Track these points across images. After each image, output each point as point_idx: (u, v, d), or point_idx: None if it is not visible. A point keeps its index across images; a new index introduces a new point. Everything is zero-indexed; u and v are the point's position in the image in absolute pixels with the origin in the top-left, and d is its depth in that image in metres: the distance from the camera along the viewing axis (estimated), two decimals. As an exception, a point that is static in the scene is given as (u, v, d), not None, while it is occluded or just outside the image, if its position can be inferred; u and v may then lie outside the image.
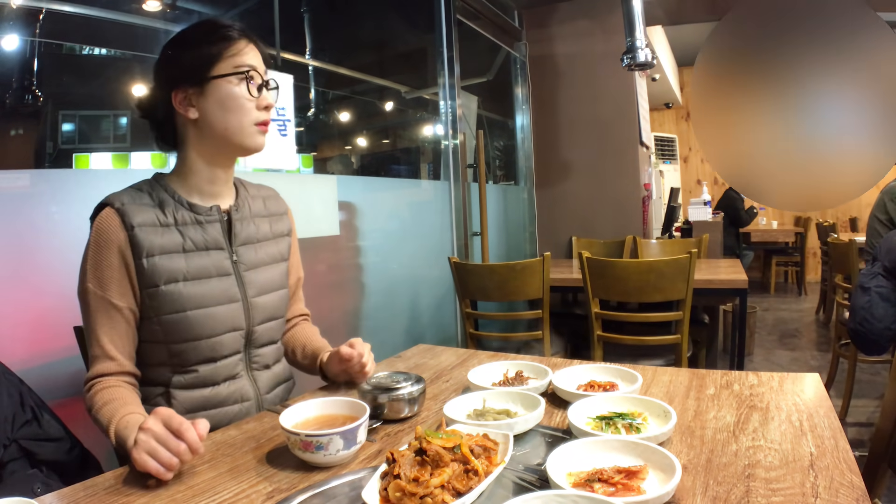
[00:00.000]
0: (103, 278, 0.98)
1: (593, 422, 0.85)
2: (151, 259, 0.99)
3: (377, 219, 2.63)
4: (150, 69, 1.10)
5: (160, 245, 1.00)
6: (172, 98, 1.03)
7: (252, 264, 1.11)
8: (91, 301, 0.99)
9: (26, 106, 2.10)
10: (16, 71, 2.05)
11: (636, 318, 2.18)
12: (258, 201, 1.18)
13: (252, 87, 1.03)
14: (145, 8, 2.41)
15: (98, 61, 2.58)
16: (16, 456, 0.95)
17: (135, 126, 2.74)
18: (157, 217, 1.02)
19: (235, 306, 1.06)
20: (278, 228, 1.19)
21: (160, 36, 2.46)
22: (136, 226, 0.98)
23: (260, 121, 1.05)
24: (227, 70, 1.01)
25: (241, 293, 1.07)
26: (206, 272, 1.04)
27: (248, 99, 1.03)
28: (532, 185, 4.11)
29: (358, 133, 4.54)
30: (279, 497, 0.70)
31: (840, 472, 0.68)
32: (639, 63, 2.96)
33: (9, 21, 1.91)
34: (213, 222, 1.07)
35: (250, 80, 1.03)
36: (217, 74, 1.01)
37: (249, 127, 1.04)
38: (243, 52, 1.04)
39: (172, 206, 1.04)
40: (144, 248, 0.99)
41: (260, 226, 1.15)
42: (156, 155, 2.76)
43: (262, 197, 1.20)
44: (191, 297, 1.01)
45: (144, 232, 0.99)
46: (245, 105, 1.03)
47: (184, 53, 1.03)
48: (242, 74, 1.02)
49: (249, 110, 1.03)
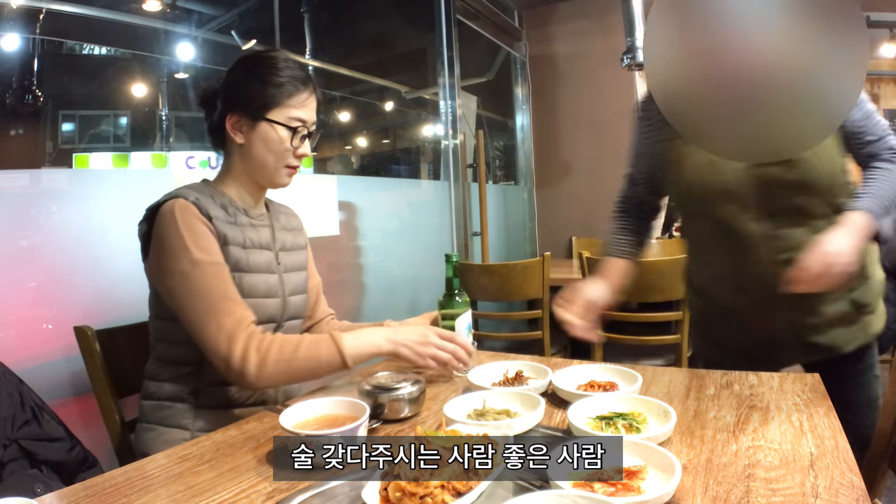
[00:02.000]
0: (207, 247, 1.03)
1: (593, 422, 0.85)
2: (226, 248, 1.06)
3: (377, 219, 2.63)
4: (151, 69, 1.12)
5: (231, 237, 1.08)
6: (227, 118, 1.11)
7: (288, 267, 1.21)
8: (206, 270, 1.01)
9: (26, 106, 2.10)
10: (16, 71, 2.05)
11: (636, 318, 2.18)
12: (283, 216, 1.28)
13: (297, 139, 1.11)
14: (145, 8, 2.41)
15: (98, 61, 2.58)
16: (16, 456, 0.95)
17: (135, 126, 2.74)
18: (226, 209, 1.11)
19: (276, 301, 1.15)
20: (298, 241, 1.29)
21: (160, 36, 2.46)
22: (213, 216, 1.06)
23: (292, 165, 1.14)
24: (281, 119, 1.09)
25: (280, 290, 1.16)
26: (259, 267, 1.13)
27: (288, 149, 1.11)
28: (532, 185, 4.11)
29: (358, 133, 4.54)
30: (279, 497, 0.70)
31: (840, 472, 0.68)
32: (639, 63, 2.97)
33: (9, 21, 1.91)
34: (264, 226, 1.18)
35: (296, 134, 1.11)
36: (271, 119, 1.09)
37: (282, 169, 1.13)
38: (303, 104, 1.11)
39: (232, 207, 1.12)
40: (221, 235, 1.06)
41: (287, 237, 1.25)
42: (156, 155, 2.76)
43: (284, 213, 1.29)
44: (247, 287, 1.08)
45: (220, 222, 1.07)
46: (285, 152, 1.11)
47: (250, 83, 1.10)
48: (293, 130, 1.10)
49: (287, 156, 1.12)
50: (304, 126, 1.12)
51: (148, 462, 0.83)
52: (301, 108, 1.11)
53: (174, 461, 0.82)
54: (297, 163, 1.15)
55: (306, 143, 1.14)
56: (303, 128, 1.12)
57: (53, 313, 1.42)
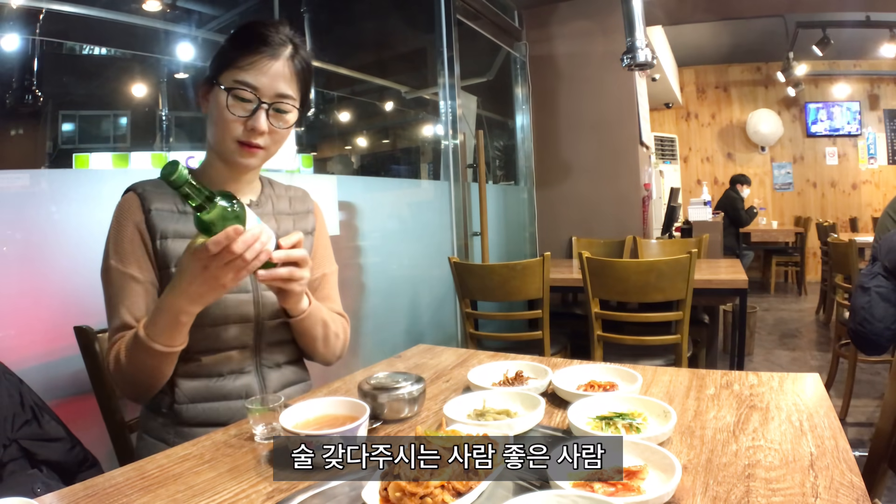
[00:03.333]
0: (123, 253, 1.01)
1: (593, 422, 0.85)
2: (164, 241, 1.01)
3: (377, 219, 2.63)
4: (151, 69, 1.11)
5: (174, 230, 1.02)
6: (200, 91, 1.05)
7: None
8: (113, 277, 1.00)
9: (26, 106, 2.10)
10: (16, 71, 2.05)
11: (636, 318, 2.18)
12: (284, 200, 1.17)
13: (239, 107, 0.98)
14: (145, 8, 2.41)
15: (98, 61, 2.58)
16: (16, 456, 0.95)
17: (135, 126, 2.74)
18: (176, 205, 1.04)
19: (245, 297, 1.06)
20: (301, 226, 1.17)
21: (160, 36, 2.46)
22: (153, 209, 1.02)
23: (244, 141, 1.00)
24: (227, 82, 0.98)
25: (252, 285, 1.07)
26: None
27: (233, 118, 0.98)
28: (532, 185, 4.11)
29: (358, 133, 4.54)
30: (279, 497, 0.70)
31: (840, 472, 0.68)
32: (639, 63, 2.96)
33: (9, 21, 1.91)
34: None
35: (240, 99, 0.98)
36: (218, 82, 0.99)
37: (231, 143, 1.00)
38: (252, 67, 0.97)
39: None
40: (159, 230, 1.01)
41: (281, 223, 1.14)
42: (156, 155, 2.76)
43: (290, 197, 1.19)
44: None
45: (161, 216, 1.02)
46: (231, 123, 0.98)
47: (219, 49, 1.03)
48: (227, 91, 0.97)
49: (234, 128, 0.99)
50: (250, 91, 0.97)
51: (148, 462, 0.83)
52: (249, 72, 0.97)
53: (174, 461, 0.82)
54: (251, 139, 0.99)
55: (260, 116, 0.98)
56: (248, 93, 0.97)
57: (53, 313, 1.42)
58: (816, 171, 7.25)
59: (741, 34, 6.20)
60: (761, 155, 7.43)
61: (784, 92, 7.02)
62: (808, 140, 7.24)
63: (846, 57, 6.82)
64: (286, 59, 1.01)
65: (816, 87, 7.15)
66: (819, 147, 7.21)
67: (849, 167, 7.11)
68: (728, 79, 7.53)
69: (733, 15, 4.36)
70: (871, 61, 6.92)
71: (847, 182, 7.13)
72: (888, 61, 6.51)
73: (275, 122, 1.01)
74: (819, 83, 7.13)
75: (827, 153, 7.18)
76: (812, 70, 6.60)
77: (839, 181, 7.16)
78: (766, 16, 4.78)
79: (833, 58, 6.64)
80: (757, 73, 7.39)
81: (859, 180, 7.08)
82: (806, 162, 7.28)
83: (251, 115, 0.99)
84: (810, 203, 7.24)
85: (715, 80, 7.58)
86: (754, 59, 7.19)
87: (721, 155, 7.61)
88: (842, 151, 7.13)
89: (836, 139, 7.14)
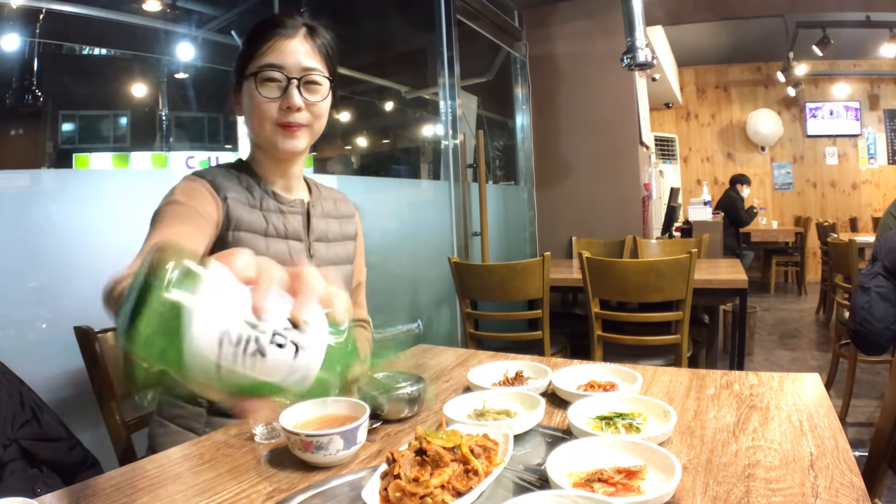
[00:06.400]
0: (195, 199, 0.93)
1: (593, 422, 0.84)
2: (238, 233, 0.98)
3: (377, 219, 2.63)
4: (151, 69, 1.11)
5: (248, 222, 1.00)
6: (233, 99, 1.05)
7: (323, 261, 1.11)
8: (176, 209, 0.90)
9: (26, 106, 2.10)
10: (16, 71, 2.04)
11: (636, 318, 2.18)
12: (329, 202, 1.18)
13: (266, 88, 0.97)
14: (145, 8, 2.41)
15: (98, 61, 2.58)
16: (16, 456, 0.95)
17: (135, 126, 2.74)
18: (247, 197, 1.02)
19: None
20: (346, 231, 1.19)
21: (160, 36, 2.46)
22: (229, 197, 0.98)
23: (284, 122, 0.99)
24: (252, 70, 0.98)
25: None
26: (283, 259, 1.02)
27: (266, 100, 0.97)
28: (532, 185, 4.11)
29: (358, 133, 4.54)
30: (279, 497, 0.70)
31: (840, 472, 0.68)
32: (639, 63, 2.96)
33: (9, 21, 1.91)
34: (296, 214, 1.08)
35: (268, 80, 0.97)
36: (246, 75, 0.99)
37: (270, 127, 0.99)
38: (273, 49, 0.97)
39: (259, 191, 1.04)
40: (234, 219, 0.98)
41: (331, 225, 1.14)
42: (156, 155, 2.76)
43: (333, 198, 1.20)
44: None
45: (237, 204, 0.99)
46: (261, 106, 0.98)
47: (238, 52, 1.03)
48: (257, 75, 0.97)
49: (271, 110, 0.98)
50: (276, 70, 0.97)
51: (148, 462, 0.83)
52: (270, 55, 0.97)
53: (174, 461, 0.82)
54: (290, 118, 0.99)
55: (292, 92, 0.97)
56: (276, 72, 0.97)
57: (53, 313, 1.42)
58: (816, 171, 7.25)
59: (741, 34, 6.20)
60: (761, 155, 7.43)
61: (784, 92, 7.02)
62: (808, 140, 7.24)
63: (846, 57, 6.82)
64: (303, 36, 1.01)
65: (816, 87, 7.15)
66: (819, 147, 7.21)
67: (849, 167, 7.11)
68: (728, 79, 7.53)
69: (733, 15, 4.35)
70: (871, 61, 6.92)
71: (847, 182, 7.13)
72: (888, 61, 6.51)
73: (308, 95, 1.00)
74: (819, 83, 7.13)
75: (827, 153, 7.18)
76: (812, 70, 6.60)
77: (839, 181, 7.16)
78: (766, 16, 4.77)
79: (833, 58, 6.64)
80: (757, 73, 7.39)
81: (859, 180, 7.08)
82: (806, 162, 7.28)
83: (283, 94, 0.98)
84: (810, 203, 7.25)
85: (715, 80, 7.58)
86: (754, 59, 7.19)
87: (721, 155, 7.61)
88: (842, 151, 7.14)
89: (835, 139, 7.14)
